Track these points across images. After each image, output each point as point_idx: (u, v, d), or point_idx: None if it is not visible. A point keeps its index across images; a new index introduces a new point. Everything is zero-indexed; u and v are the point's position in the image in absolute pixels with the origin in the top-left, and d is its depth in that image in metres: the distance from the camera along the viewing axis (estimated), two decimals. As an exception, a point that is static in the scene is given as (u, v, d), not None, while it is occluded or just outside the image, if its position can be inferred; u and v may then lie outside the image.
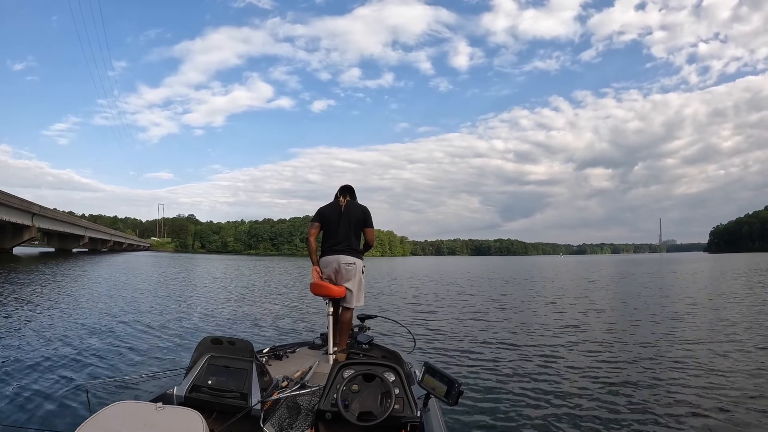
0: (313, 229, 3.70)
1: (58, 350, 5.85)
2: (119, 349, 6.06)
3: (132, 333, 7.21)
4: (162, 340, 6.81)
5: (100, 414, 1.55)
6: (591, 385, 4.81)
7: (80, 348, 6.04)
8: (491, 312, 10.75)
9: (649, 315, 10.06)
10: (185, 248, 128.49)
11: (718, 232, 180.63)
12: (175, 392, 2.29)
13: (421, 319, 9.42)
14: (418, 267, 44.89)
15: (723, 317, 9.47)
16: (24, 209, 37.93)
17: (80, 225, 59.57)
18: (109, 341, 6.54)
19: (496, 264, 57.57)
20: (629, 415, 3.95)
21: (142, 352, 5.95)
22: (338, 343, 3.42)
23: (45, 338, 6.56)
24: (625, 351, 6.45)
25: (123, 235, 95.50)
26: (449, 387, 2.15)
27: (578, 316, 10.03)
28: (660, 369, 5.43)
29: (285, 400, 2.27)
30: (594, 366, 5.60)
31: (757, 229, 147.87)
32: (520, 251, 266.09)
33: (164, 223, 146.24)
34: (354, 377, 2.16)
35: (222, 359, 2.37)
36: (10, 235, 40.39)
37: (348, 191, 3.74)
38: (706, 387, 4.68)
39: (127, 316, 9.00)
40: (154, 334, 7.17)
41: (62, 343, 6.25)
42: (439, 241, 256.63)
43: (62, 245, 59.33)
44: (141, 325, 7.90)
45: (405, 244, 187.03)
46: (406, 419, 2.03)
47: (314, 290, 3.52)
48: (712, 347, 6.58)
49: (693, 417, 3.87)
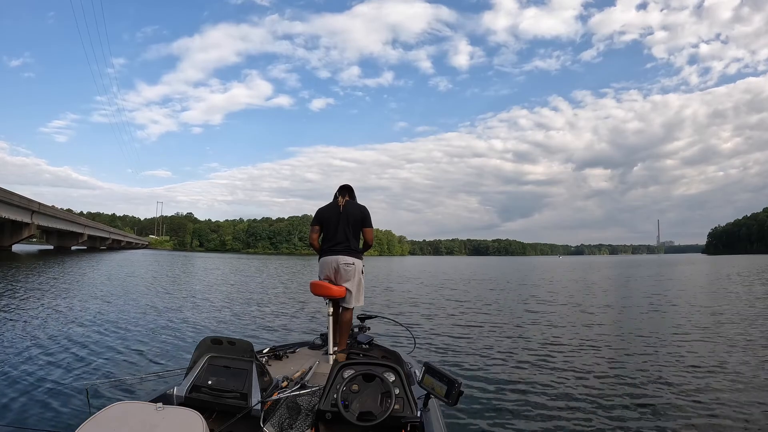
0: (314, 233, 3.71)
1: (58, 350, 5.84)
2: (119, 349, 6.05)
3: (132, 333, 7.21)
4: (162, 340, 6.81)
5: (100, 414, 1.55)
6: (591, 384, 4.82)
7: (80, 348, 6.03)
8: (491, 312, 10.75)
9: (647, 315, 10.09)
10: (183, 247, 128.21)
11: (717, 234, 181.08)
12: (175, 392, 2.29)
13: (421, 319, 9.43)
14: (417, 267, 44.90)
15: (722, 317, 9.49)
16: (24, 206, 37.83)
17: (79, 223, 59.46)
18: (108, 341, 6.54)
19: (495, 264, 57.59)
20: (629, 412, 3.96)
21: (142, 352, 5.94)
22: (338, 343, 3.42)
23: (45, 338, 6.55)
24: (625, 351, 6.46)
25: (121, 233, 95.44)
26: (449, 387, 2.15)
27: (577, 316, 10.04)
28: (659, 369, 5.44)
29: (285, 401, 2.27)
30: (594, 366, 5.61)
31: (755, 231, 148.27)
32: (518, 251, 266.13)
33: (162, 222, 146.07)
34: (354, 377, 2.16)
35: (222, 359, 2.37)
36: (9, 233, 40.28)
37: (347, 191, 3.74)
38: (707, 387, 4.70)
39: (126, 315, 8.99)
40: (154, 334, 7.16)
41: (62, 343, 6.24)
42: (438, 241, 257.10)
43: (61, 243, 59.23)
44: (141, 325, 7.89)
45: (403, 243, 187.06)
46: (406, 419, 2.03)
47: (314, 290, 3.52)
48: (712, 347, 6.60)
49: (693, 417, 3.89)
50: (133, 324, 7.95)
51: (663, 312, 10.74)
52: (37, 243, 74.04)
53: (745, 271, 30.13)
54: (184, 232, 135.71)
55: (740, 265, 42.47)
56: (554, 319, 9.71)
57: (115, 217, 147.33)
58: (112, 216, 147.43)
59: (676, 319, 9.61)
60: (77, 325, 7.66)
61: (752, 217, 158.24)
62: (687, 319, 9.59)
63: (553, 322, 9.28)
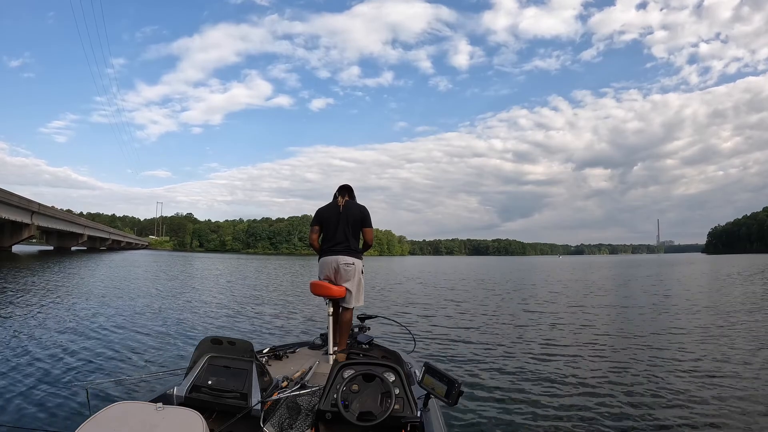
0: (314, 233, 3.71)
1: (58, 350, 5.84)
2: (119, 349, 6.05)
3: (132, 333, 7.20)
4: (162, 340, 6.80)
5: (100, 414, 1.55)
6: (591, 384, 4.81)
7: (80, 348, 6.03)
8: (490, 312, 10.75)
9: (648, 315, 10.09)
10: (183, 247, 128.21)
11: (716, 234, 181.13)
12: (175, 392, 2.29)
13: (420, 319, 9.43)
14: (417, 267, 44.90)
15: (723, 317, 9.49)
16: (23, 207, 37.82)
17: (79, 223, 59.45)
18: (109, 341, 6.53)
19: (494, 264, 57.59)
20: (629, 412, 3.96)
21: (142, 352, 5.94)
22: (338, 343, 3.42)
23: (44, 338, 6.55)
24: (625, 351, 6.46)
25: (121, 234, 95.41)
26: (449, 387, 2.15)
27: (577, 316, 10.04)
28: (660, 369, 5.44)
29: (285, 401, 2.27)
30: (594, 366, 5.61)
31: (755, 231, 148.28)
32: (518, 251, 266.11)
33: (162, 222, 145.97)
34: (354, 377, 2.16)
35: (222, 359, 2.37)
36: (9, 233, 40.28)
37: (346, 191, 3.74)
38: (707, 387, 4.69)
39: (126, 315, 8.99)
40: (154, 334, 7.16)
41: (62, 344, 6.24)
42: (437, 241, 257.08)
43: (61, 243, 59.22)
44: (141, 325, 7.89)
45: (403, 243, 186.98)
46: (406, 419, 2.03)
47: (314, 290, 3.52)
48: (712, 347, 6.60)
49: (694, 417, 3.89)
50: (133, 324, 7.94)
51: (663, 312, 10.73)
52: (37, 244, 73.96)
53: (746, 270, 30.13)
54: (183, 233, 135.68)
55: (740, 264, 42.47)
56: (554, 319, 9.71)
57: (114, 218, 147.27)
58: (111, 216, 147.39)
59: (677, 319, 9.61)
60: (77, 325, 7.66)
61: (752, 216, 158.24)
62: (687, 318, 9.59)
63: (553, 322, 9.28)
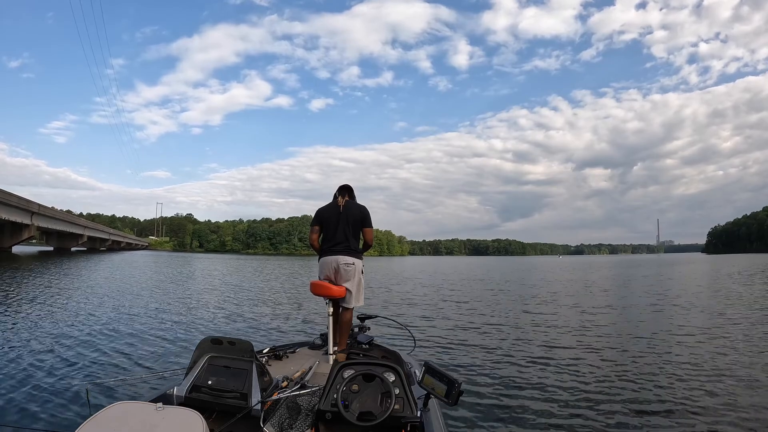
0: (314, 234, 3.71)
1: (58, 350, 5.84)
2: (119, 349, 6.05)
3: (132, 333, 7.20)
4: (162, 340, 6.81)
5: (100, 414, 1.55)
6: (591, 384, 4.82)
7: (80, 348, 6.04)
8: (490, 312, 10.75)
9: (648, 315, 10.09)
10: (183, 247, 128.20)
11: (716, 233, 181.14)
12: (175, 392, 2.29)
13: (420, 320, 9.43)
14: (417, 267, 44.90)
15: (723, 317, 9.50)
16: (23, 208, 37.82)
17: (79, 224, 59.45)
18: (109, 341, 6.53)
19: (494, 264, 57.58)
20: (629, 412, 3.96)
21: (142, 352, 5.94)
22: (338, 343, 3.42)
23: (45, 338, 6.55)
24: (625, 351, 6.47)
25: (121, 234, 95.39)
26: (449, 387, 2.15)
27: (577, 316, 10.04)
28: (660, 369, 5.44)
29: (285, 401, 2.27)
30: (594, 366, 5.61)
31: (754, 231, 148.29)
32: (518, 251, 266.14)
33: (162, 222, 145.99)
34: (354, 377, 2.15)
35: (222, 359, 2.37)
36: (9, 234, 40.29)
37: (346, 191, 3.74)
38: (707, 387, 4.70)
39: (126, 316, 8.99)
40: (154, 334, 7.16)
41: (62, 344, 6.24)
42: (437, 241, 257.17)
43: (61, 244, 59.22)
44: (141, 325, 7.89)
45: (403, 243, 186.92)
46: (406, 419, 2.03)
47: (314, 290, 3.52)
48: (713, 347, 6.61)
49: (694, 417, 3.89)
50: (133, 324, 7.94)
51: (663, 312, 10.74)
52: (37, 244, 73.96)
53: (745, 270, 30.14)
54: (183, 233, 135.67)
55: (740, 264, 42.48)
56: (554, 319, 9.71)
57: (114, 218, 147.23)
58: (111, 217, 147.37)
59: (677, 318, 9.61)
60: (77, 325, 7.66)
61: (752, 216, 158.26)
62: (687, 318, 9.59)
63: (552, 322, 9.27)
